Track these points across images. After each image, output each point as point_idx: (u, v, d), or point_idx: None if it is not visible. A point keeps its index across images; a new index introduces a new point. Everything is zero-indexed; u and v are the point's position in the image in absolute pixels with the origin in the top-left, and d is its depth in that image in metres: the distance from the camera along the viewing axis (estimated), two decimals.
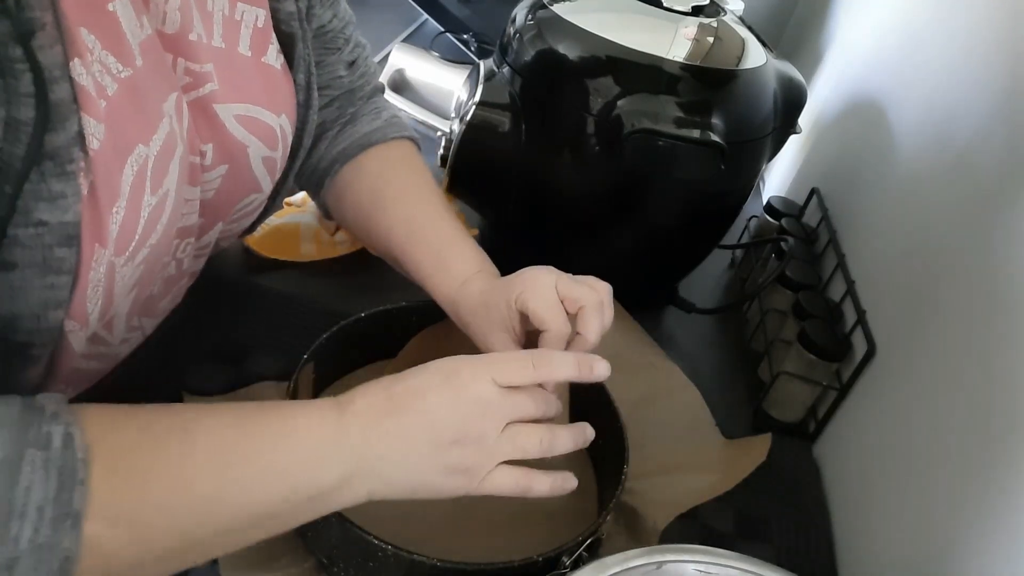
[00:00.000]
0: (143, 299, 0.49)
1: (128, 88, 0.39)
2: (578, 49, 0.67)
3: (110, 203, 0.38)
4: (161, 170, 0.42)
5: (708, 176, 0.67)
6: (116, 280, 0.42)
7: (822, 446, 0.69)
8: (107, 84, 0.37)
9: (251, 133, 0.51)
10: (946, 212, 0.61)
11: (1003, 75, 0.58)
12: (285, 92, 0.53)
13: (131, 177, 0.40)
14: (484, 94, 0.69)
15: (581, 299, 0.51)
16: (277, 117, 0.52)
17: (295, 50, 0.54)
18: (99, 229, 0.38)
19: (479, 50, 1.17)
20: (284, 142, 0.54)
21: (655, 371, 0.72)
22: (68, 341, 0.42)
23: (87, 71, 0.36)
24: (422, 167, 0.64)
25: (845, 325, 0.70)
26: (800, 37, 1.16)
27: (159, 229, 0.44)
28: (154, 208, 0.42)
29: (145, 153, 0.40)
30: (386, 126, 0.65)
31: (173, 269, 0.51)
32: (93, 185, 0.37)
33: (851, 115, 0.89)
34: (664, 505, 0.58)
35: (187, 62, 0.45)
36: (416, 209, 0.60)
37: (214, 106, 0.48)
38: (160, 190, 0.42)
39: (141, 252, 0.43)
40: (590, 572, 0.44)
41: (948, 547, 0.49)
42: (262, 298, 0.70)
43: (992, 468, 0.47)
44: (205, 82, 0.47)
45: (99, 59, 0.37)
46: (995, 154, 0.56)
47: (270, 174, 0.55)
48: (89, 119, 0.36)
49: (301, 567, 0.50)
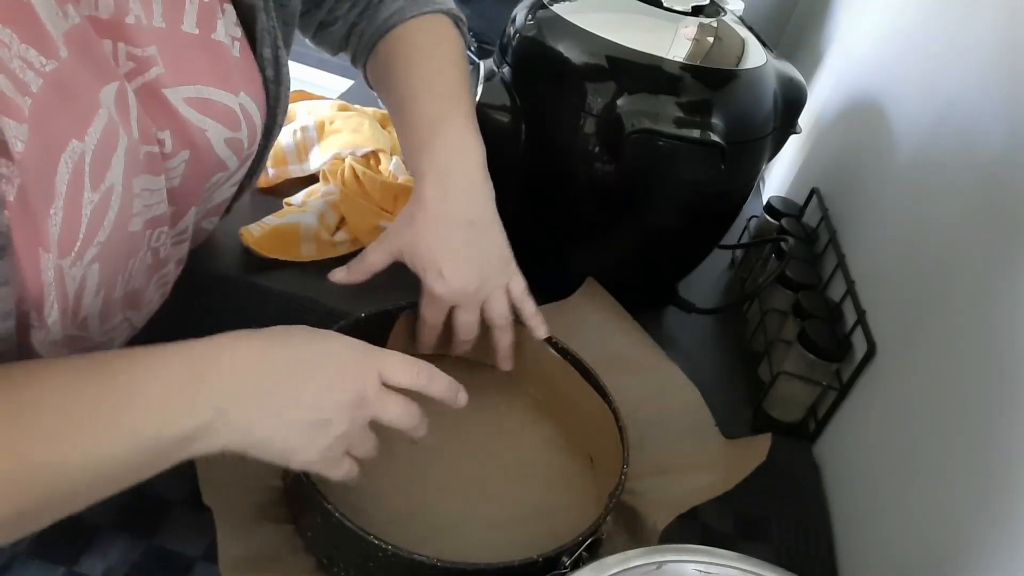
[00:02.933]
0: (122, 295, 0.48)
1: (54, 82, 0.36)
2: (578, 49, 0.67)
3: (46, 205, 0.36)
4: (102, 164, 0.40)
5: (708, 176, 0.67)
6: (68, 283, 0.40)
7: (822, 446, 0.69)
8: (30, 80, 0.35)
9: (206, 116, 0.48)
10: (947, 211, 0.61)
11: (1003, 74, 0.58)
12: (242, 69, 0.50)
13: (67, 175, 0.37)
14: (484, 94, 0.69)
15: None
16: (236, 96, 0.50)
17: (256, 23, 0.51)
18: (38, 233, 0.36)
19: (479, 50, 1.17)
20: (248, 121, 0.51)
21: (655, 371, 0.72)
22: (32, 345, 0.41)
23: (1, 70, 0.33)
24: (432, 41, 0.62)
25: (845, 325, 0.70)
26: (800, 37, 1.16)
27: (106, 226, 0.41)
28: (97, 204, 0.40)
29: (80, 149, 0.38)
30: (406, 6, 0.62)
31: (150, 259, 0.50)
32: (23, 189, 0.35)
33: (851, 115, 0.89)
34: (664, 505, 0.58)
35: (128, 47, 0.43)
36: (414, 79, 0.59)
37: (163, 91, 0.45)
38: (102, 185, 0.40)
39: (89, 251, 0.41)
40: (590, 572, 0.44)
41: (948, 547, 0.49)
42: (262, 298, 0.70)
43: (992, 467, 0.47)
44: (150, 66, 0.44)
45: (18, 54, 0.34)
46: (995, 153, 0.56)
47: (236, 155, 0.52)
48: (9, 121, 0.34)
49: (301, 567, 0.50)
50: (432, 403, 0.64)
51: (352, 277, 0.58)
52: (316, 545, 0.50)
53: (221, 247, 0.74)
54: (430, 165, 0.56)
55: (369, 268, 0.58)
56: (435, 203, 0.56)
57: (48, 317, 0.40)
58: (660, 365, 0.72)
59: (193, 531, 0.50)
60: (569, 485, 0.60)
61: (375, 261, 0.58)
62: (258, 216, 0.76)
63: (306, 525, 0.51)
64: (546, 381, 0.66)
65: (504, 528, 0.55)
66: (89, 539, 0.49)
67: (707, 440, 0.66)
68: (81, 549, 0.48)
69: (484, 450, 0.61)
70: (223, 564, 0.48)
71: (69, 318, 0.42)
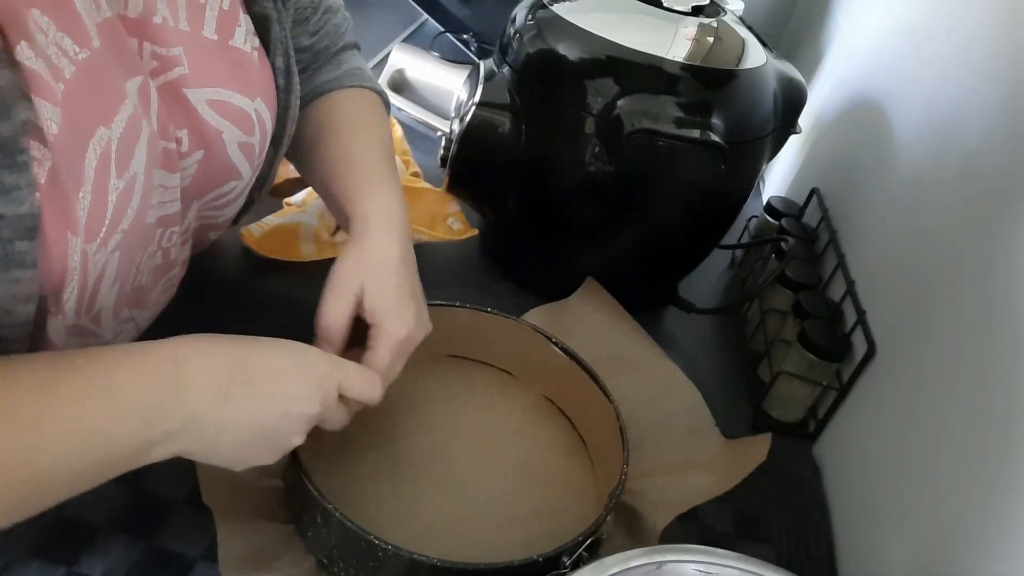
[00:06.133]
0: (129, 290, 0.48)
1: (86, 70, 0.38)
2: (578, 49, 0.67)
3: (75, 188, 0.37)
4: (126, 152, 0.41)
5: (708, 176, 0.67)
6: (90, 269, 0.41)
7: (822, 446, 0.69)
8: (64, 66, 0.36)
9: (224, 118, 0.49)
10: (946, 212, 0.61)
11: (1003, 74, 0.58)
12: (259, 75, 0.52)
13: (95, 161, 0.38)
14: (484, 94, 0.69)
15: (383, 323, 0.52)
16: (251, 101, 0.51)
17: (270, 32, 0.52)
18: (67, 216, 0.37)
19: (479, 50, 1.17)
20: (261, 127, 0.53)
21: (655, 371, 0.72)
22: (47, 333, 0.41)
23: (38, 54, 0.34)
24: (371, 111, 0.63)
25: (845, 325, 0.70)
26: (800, 37, 1.16)
27: (129, 213, 0.42)
28: (122, 192, 0.41)
29: (107, 135, 0.39)
30: (344, 76, 0.64)
31: (160, 259, 0.50)
32: (55, 171, 0.36)
33: (851, 115, 0.89)
34: (664, 505, 0.58)
35: (153, 46, 0.44)
36: (354, 142, 0.60)
37: (184, 91, 0.46)
38: (127, 173, 0.41)
39: (113, 238, 0.42)
40: (590, 572, 0.44)
41: (948, 547, 0.49)
42: (262, 299, 0.70)
43: (992, 467, 0.47)
44: (174, 66, 0.46)
45: (54, 41, 0.36)
46: (996, 153, 0.56)
47: (248, 160, 0.53)
48: (45, 103, 0.35)
49: (301, 567, 0.50)
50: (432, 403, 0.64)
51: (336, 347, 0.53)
52: (316, 545, 0.50)
53: (222, 247, 0.74)
54: (375, 209, 0.56)
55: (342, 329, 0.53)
56: (391, 248, 0.54)
57: (66, 303, 0.40)
58: (660, 365, 0.72)
59: (193, 531, 0.50)
60: (569, 485, 0.60)
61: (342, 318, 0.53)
62: (258, 216, 0.76)
63: (306, 525, 0.51)
64: (546, 381, 0.66)
65: (504, 528, 0.55)
66: (89, 539, 0.49)
67: (707, 440, 0.66)
68: (81, 549, 0.48)
69: (484, 450, 0.61)
70: (223, 564, 0.48)
71: (84, 307, 0.43)
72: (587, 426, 0.64)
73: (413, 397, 0.63)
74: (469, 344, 0.67)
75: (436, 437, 0.61)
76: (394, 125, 0.92)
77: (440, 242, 0.79)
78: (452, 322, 0.65)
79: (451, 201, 0.85)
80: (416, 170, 0.89)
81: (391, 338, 0.52)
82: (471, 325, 0.66)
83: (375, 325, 0.52)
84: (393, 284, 0.53)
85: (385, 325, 0.52)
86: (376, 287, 0.52)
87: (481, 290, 0.78)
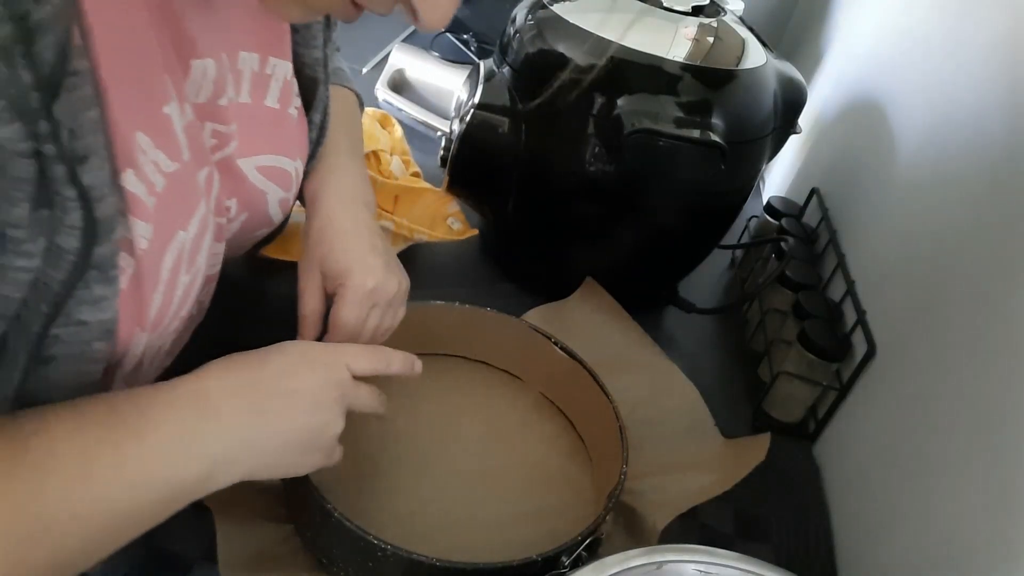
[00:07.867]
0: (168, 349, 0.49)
1: (175, 179, 0.39)
2: (578, 49, 0.67)
3: (151, 290, 0.38)
4: (195, 250, 0.43)
5: (708, 176, 0.67)
6: (147, 352, 0.42)
7: (822, 446, 0.69)
8: (156, 181, 0.37)
9: (270, 180, 0.51)
10: (946, 212, 0.61)
11: (1003, 73, 0.58)
12: (297, 134, 0.53)
13: (171, 263, 0.40)
14: (484, 94, 0.69)
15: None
16: (293, 162, 0.53)
17: (316, 93, 0.54)
18: (140, 315, 0.38)
19: (479, 50, 1.18)
20: (297, 182, 0.54)
21: (655, 371, 0.72)
22: None
23: (138, 176, 0.36)
24: (344, 110, 0.62)
25: (845, 325, 0.70)
26: (800, 37, 1.16)
27: (189, 301, 0.44)
28: (188, 284, 0.43)
29: (184, 238, 0.41)
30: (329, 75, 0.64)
31: (195, 310, 0.50)
32: (138, 276, 0.37)
33: (851, 115, 0.89)
34: (664, 505, 0.58)
35: (214, 125, 0.45)
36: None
37: (238, 161, 0.48)
38: (193, 268, 0.43)
39: (173, 324, 0.43)
40: (590, 572, 0.44)
41: (948, 547, 0.49)
42: (264, 299, 0.70)
43: (992, 467, 0.47)
44: (230, 141, 0.47)
45: (152, 159, 0.37)
46: (995, 153, 0.56)
47: (283, 211, 0.55)
48: (138, 222, 0.36)
49: (301, 567, 0.50)
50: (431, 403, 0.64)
51: (312, 332, 0.54)
52: (315, 545, 0.50)
53: None
54: (323, 185, 0.56)
55: (317, 312, 0.54)
56: (341, 214, 0.55)
57: (117, 378, 0.41)
58: (660, 365, 0.72)
59: (193, 531, 0.50)
60: (569, 485, 0.60)
61: (315, 299, 0.54)
62: None
63: (305, 525, 0.51)
64: (546, 381, 0.66)
65: (504, 528, 0.55)
66: None
67: (707, 440, 0.66)
68: None
69: (484, 450, 0.61)
70: (223, 564, 0.48)
71: (131, 376, 0.43)
72: (587, 426, 0.64)
73: (413, 397, 0.63)
74: (469, 344, 0.67)
75: (436, 437, 0.61)
76: (394, 125, 0.92)
77: (440, 242, 0.79)
78: (452, 322, 0.65)
79: (451, 201, 0.84)
80: (416, 170, 0.89)
81: (358, 288, 0.51)
82: (471, 325, 0.66)
83: (341, 285, 0.51)
84: (349, 243, 0.53)
85: (350, 276, 0.51)
86: (331, 252, 0.52)
87: (481, 290, 0.78)
